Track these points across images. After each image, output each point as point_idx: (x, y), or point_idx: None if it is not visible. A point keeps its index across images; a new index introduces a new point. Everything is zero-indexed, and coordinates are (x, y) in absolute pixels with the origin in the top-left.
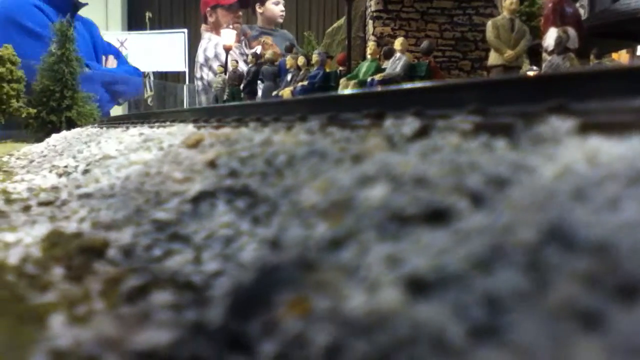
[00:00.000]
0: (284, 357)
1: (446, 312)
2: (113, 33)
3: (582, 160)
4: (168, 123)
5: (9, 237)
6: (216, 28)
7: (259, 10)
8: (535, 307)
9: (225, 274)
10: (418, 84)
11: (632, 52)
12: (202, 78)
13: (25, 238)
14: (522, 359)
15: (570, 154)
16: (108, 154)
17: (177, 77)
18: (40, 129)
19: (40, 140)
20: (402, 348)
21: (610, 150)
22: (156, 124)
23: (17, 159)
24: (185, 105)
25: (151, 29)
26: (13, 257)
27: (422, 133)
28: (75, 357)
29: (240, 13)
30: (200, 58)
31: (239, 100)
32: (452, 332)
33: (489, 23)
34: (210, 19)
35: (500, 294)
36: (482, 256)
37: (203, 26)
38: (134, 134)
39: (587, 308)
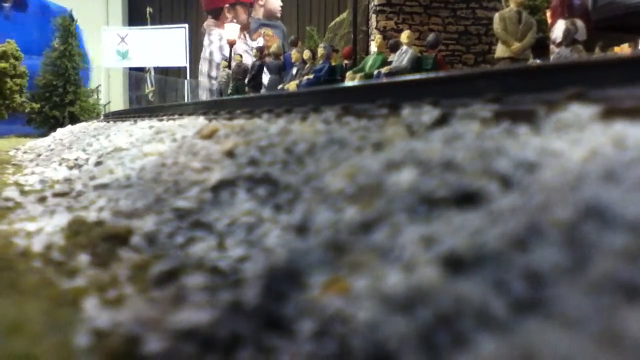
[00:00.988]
0: (323, 335)
1: (487, 287)
2: (114, 28)
3: (608, 144)
4: (177, 116)
5: (30, 226)
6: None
7: (260, 2)
8: (576, 280)
9: (254, 258)
10: (433, 75)
11: (635, 46)
12: (216, 77)
13: (46, 227)
14: (568, 329)
15: (595, 138)
16: (119, 146)
17: (178, 72)
18: (43, 124)
19: (43, 135)
20: (445, 322)
21: (636, 134)
22: (165, 117)
23: (24, 152)
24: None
25: (152, 24)
26: (37, 245)
27: (442, 121)
28: (116, 336)
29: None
30: (216, 57)
31: (243, 94)
32: (494, 306)
33: (496, 15)
34: (229, 15)
35: (541, 269)
36: (520, 234)
37: (210, 21)
38: (143, 126)
39: (628, 280)
